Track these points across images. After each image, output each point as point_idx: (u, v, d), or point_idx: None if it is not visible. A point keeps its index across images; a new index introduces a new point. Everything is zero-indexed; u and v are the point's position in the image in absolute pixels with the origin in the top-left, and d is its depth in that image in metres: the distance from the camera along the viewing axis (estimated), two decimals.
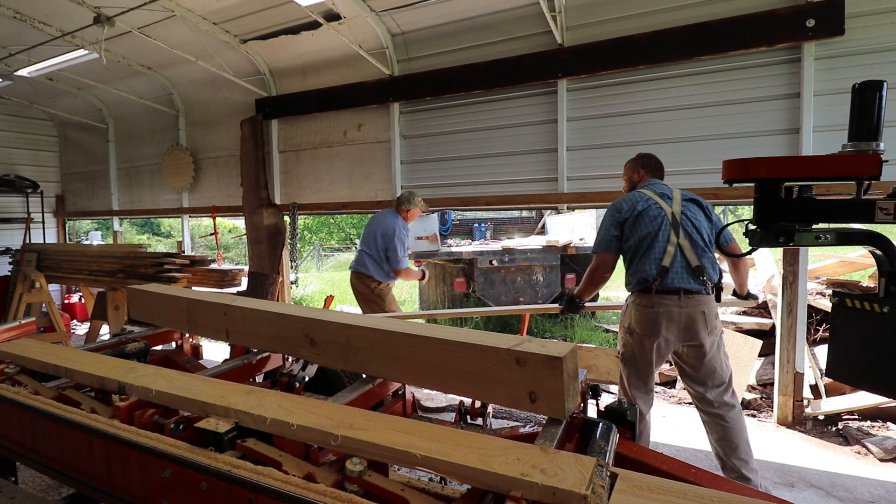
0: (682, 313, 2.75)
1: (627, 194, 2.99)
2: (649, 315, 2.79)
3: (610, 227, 2.92)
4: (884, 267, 1.56)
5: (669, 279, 2.75)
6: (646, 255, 2.81)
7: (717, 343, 2.82)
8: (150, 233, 28.62)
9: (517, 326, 7.41)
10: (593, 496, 1.00)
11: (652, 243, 2.80)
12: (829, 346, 1.66)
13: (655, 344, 2.78)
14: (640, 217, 2.85)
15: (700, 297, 2.76)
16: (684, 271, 2.76)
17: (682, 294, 2.74)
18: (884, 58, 3.52)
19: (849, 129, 1.56)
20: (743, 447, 2.73)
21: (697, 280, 2.76)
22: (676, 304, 2.75)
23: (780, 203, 1.64)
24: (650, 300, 2.79)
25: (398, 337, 1.55)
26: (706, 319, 2.75)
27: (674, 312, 2.75)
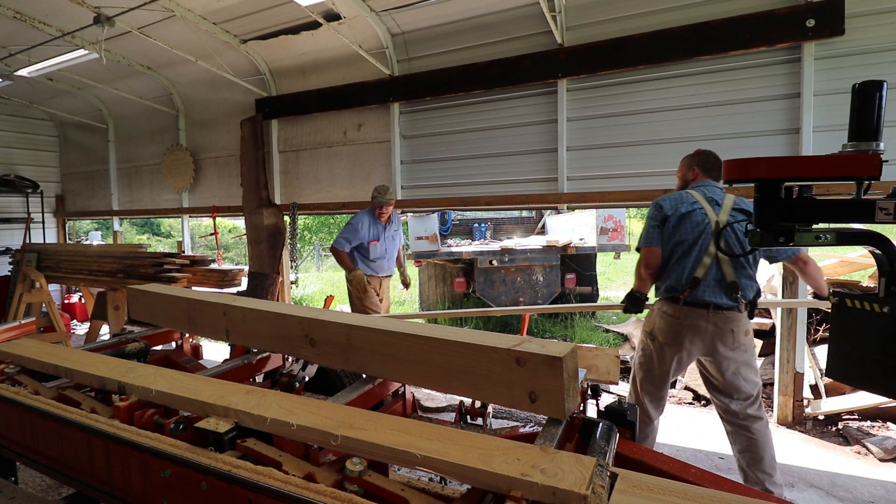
0: (710, 328, 2.63)
1: (674, 193, 2.83)
2: (673, 325, 2.69)
3: (652, 222, 2.79)
4: (884, 267, 1.56)
5: (700, 292, 2.62)
6: (679, 262, 2.69)
7: (745, 359, 2.68)
8: (150, 233, 28.62)
9: (517, 326, 7.41)
10: (593, 496, 1.00)
11: (688, 251, 2.66)
12: (829, 346, 1.66)
13: (677, 356, 2.69)
14: (681, 221, 2.70)
15: (731, 314, 2.62)
16: (717, 286, 2.62)
17: (712, 309, 2.62)
18: (884, 58, 3.52)
19: (849, 129, 1.56)
20: (768, 460, 2.63)
21: (731, 296, 2.61)
22: (704, 318, 2.63)
23: (780, 203, 1.64)
24: (677, 310, 2.68)
25: (398, 337, 1.55)
26: (734, 337, 2.63)
27: (700, 326, 2.64)
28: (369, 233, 4.61)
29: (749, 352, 2.71)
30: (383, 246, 4.70)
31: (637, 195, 4.30)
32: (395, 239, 4.86)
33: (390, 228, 4.76)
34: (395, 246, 4.87)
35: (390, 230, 4.76)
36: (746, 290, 2.63)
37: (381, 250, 4.69)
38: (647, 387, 2.81)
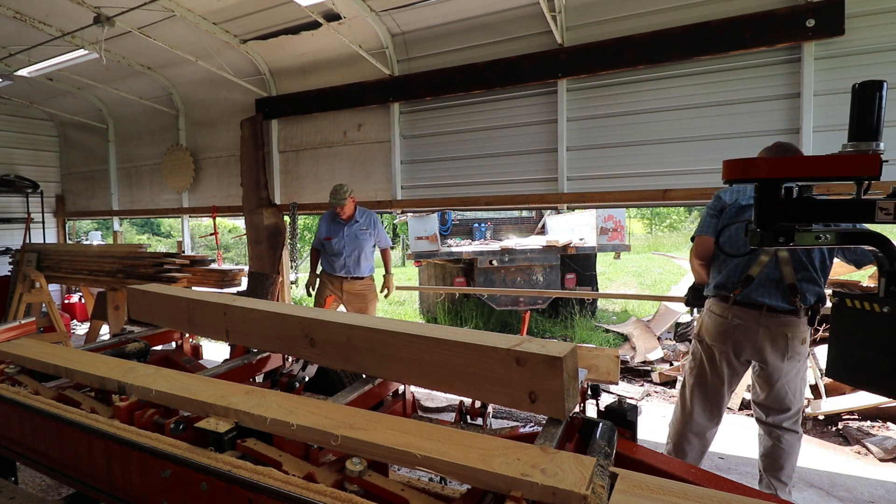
0: (761, 332, 2.46)
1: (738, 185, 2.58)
2: (722, 326, 2.54)
3: (709, 212, 2.63)
4: (884, 267, 1.56)
5: (753, 291, 2.45)
6: (733, 258, 2.50)
7: (798, 369, 2.52)
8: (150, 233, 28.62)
9: (517, 326, 7.41)
10: (593, 496, 1.00)
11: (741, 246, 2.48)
12: (829, 346, 1.66)
13: (726, 360, 2.54)
14: (739, 213, 2.50)
15: (786, 319, 2.44)
16: (773, 286, 2.44)
17: (765, 311, 2.45)
18: (884, 58, 3.51)
19: (849, 129, 1.56)
20: (787, 471, 2.55)
21: (788, 299, 2.42)
22: (756, 320, 2.46)
23: (780, 203, 1.64)
24: (726, 310, 2.53)
25: (398, 337, 1.55)
26: (788, 343, 2.45)
27: (751, 329, 2.48)
28: (327, 230, 4.68)
29: (803, 362, 2.55)
30: (340, 243, 4.61)
31: (637, 195, 4.30)
32: (361, 239, 4.65)
33: (353, 227, 4.64)
34: (359, 245, 4.64)
35: (352, 228, 4.63)
36: (807, 293, 2.44)
37: (335, 247, 4.62)
38: (699, 394, 2.63)
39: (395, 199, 5.37)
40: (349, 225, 4.63)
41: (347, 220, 4.64)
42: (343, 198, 4.53)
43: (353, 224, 4.65)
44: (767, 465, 2.60)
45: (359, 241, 4.65)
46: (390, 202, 5.40)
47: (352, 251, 4.63)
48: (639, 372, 5.29)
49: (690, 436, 2.68)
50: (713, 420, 2.66)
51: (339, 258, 4.62)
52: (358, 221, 4.67)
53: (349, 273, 4.65)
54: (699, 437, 2.68)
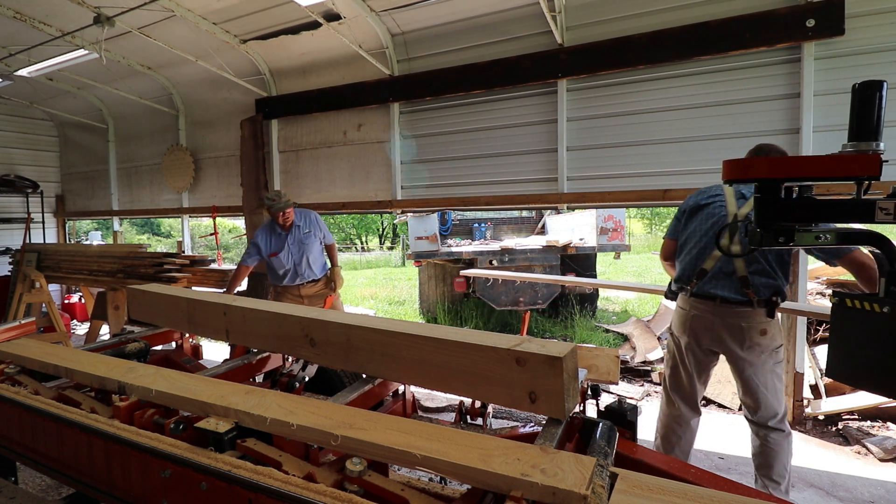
0: (717, 322, 2.57)
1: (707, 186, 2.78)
2: (684, 317, 2.69)
3: (676, 214, 2.82)
4: (884, 267, 1.56)
5: (707, 284, 2.58)
6: (689, 253, 2.66)
7: (763, 362, 2.55)
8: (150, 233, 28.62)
9: (517, 326, 7.41)
10: (593, 496, 1.00)
11: (698, 242, 2.62)
12: (829, 346, 1.66)
13: (690, 350, 2.66)
14: (697, 212, 2.67)
15: (741, 310, 2.52)
16: (726, 278, 2.54)
17: (719, 302, 2.55)
18: (884, 58, 3.52)
19: (849, 129, 1.56)
20: (777, 469, 2.59)
21: (741, 291, 2.51)
22: (711, 310, 2.57)
23: (780, 203, 1.64)
24: (686, 302, 2.68)
25: (398, 337, 1.55)
26: (744, 333, 2.52)
27: (708, 320, 2.59)
28: (268, 246, 4.28)
29: (769, 355, 2.56)
30: (286, 256, 4.29)
31: (637, 195, 4.30)
32: (307, 243, 4.36)
33: (296, 233, 4.32)
34: (308, 249, 4.36)
35: (296, 236, 4.32)
36: (760, 286, 2.49)
37: (285, 261, 4.30)
38: (674, 384, 2.76)
39: (395, 199, 5.37)
40: (291, 234, 4.31)
41: (289, 230, 4.30)
42: (288, 202, 4.23)
43: (296, 231, 4.33)
44: (758, 465, 2.66)
45: (305, 245, 4.35)
46: (390, 202, 5.40)
47: (301, 258, 4.34)
48: (639, 372, 5.29)
49: (675, 426, 2.77)
50: (692, 410, 2.75)
51: (290, 271, 4.35)
52: (299, 226, 4.35)
53: (304, 279, 4.41)
54: (682, 427, 2.76)
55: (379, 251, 23.15)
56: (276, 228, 4.32)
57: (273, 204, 4.20)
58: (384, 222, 25.04)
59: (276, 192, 4.32)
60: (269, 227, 4.37)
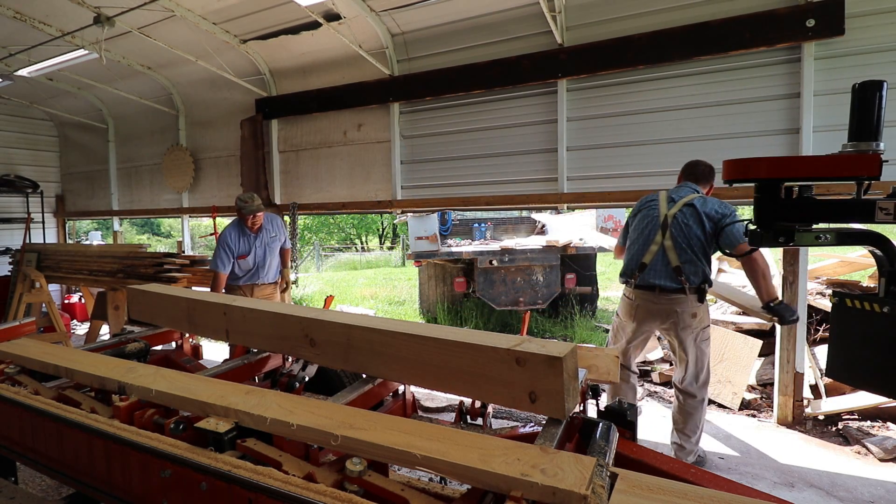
0: (656, 308, 3.06)
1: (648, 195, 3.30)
2: (628, 305, 3.19)
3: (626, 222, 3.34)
4: (884, 267, 1.56)
5: (648, 275, 3.05)
6: (630, 250, 3.19)
7: (694, 340, 3.05)
8: (150, 233, 28.63)
9: (517, 326, 7.41)
10: (593, 496, 1.00)
11: (637, 239, 3.15)
12: (829, 346, 1.66)
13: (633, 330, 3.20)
14: (637, 215, 3.21)
15: (676, 297, 2.99)
16: (663, 269, 3.01)
17: (658, 291, 3.02)
18: (884, 58, 3.52)
19: (849, 129, 1.57)
20: (691, 426, 3.11)
21: (676, 279, 2.97)
22: (652, 299, 3.06)
23: (780, 203, 1.64)
24: (630, 293, 3.17)
25: (398, 337, 1.55)
26: (679, 317, 3.01)
27: (649, 307, 3.08)
28: (238, 247, 4.27)
29: (697, 334, 3.04)
30: (253, 259, 4.33)
31: (637, 195, 4.27)
32: (273, 246, 4.44)
33: (263, 237, 4.35)
34: (272, 254, 4.45)
35: (263, 239, 4.35)
36: (690, 275, 2.96)
37: (250, 263, 4.34)
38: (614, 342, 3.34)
39: (395, 199, 5.37)
40: (259, 237, 4.32)
41: (257, 232, 4.31)
42: (260, 206, 4.24)
43: (263, 235, 4.35)
44: (676, 422, 3.17)
45: (271, 249, 4.42)
46: (390, 202, 5.40)
47: (264, 261, 4.40)
48: (639, 372, 5.28)
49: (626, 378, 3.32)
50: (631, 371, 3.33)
51: (256, 273, 4.38)
52: (268, 230, 4.38)
53: (261, 280, 4.43)
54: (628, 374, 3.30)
55: (379, 251, 23.16)
56: (244, 230, 4.29)
57: (245, 206, 4.19)
58: (384, 222, 25.05)
59: (250, 195, 4.30)
60: (237, 228, 4.30)
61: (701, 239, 2.95)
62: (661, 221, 3.04)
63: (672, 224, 2.99)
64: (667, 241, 2.99)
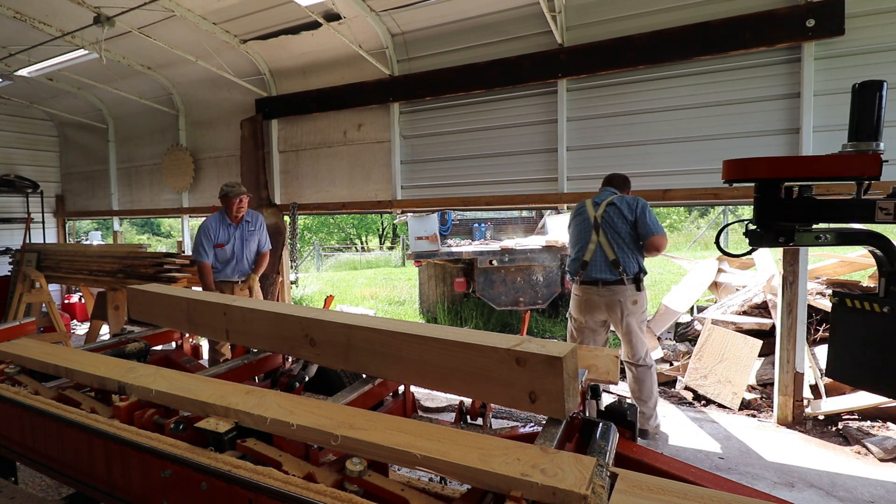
0: (601, 301, 3.43)
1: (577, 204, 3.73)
2: (577, 301, 3.55)
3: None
4: (884, 267, 1.56)
5: (590, 271, 3.42)
6: (573, 251, 3.58)
7: (635, 323, 3.43)
8: (150, 233, 28.64)
9: (517, 326, 7.41)
10: (593, 496, 1.00)
11: (577, 242, 3.54)
12: (829, 346, 1.66)
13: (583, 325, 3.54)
14: (573, 221, 3.63)
15: (616, 287, 3.38)
16: (602, 264, 3.40)
17: (601, 284, 3.40)
18: (884, 58, 3.52)
19: (849, 129, 1.57)
20: (645, 392, 3.48)
21: (614, 271, 3.37)
22: (596, 292, 3.43)
23: (780, 203, 1.64)
24: (577, 289, 3.53)
25: (398, 337, 1.55)
26: (622, 305, 3.39)
27: (594, 300, 3.45)
28: (217, 235, 4.28)
29: (638, 317, 3.44)
30: (231, 248, 4.32)
31: (637, 195, 4.29)
32: (251, 241, 4.43)
33: (243, 229, 4.37)
34: (249, 248, 4.43)
35: (243, 231, 4.37)
36: (627, 265, 3.38)
37: (227, 253, 4.32)
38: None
39: (395, 199, 5.37)
40: (239, 228, 4.35)
41: (238, 223, 4.34)
42: (244, 191, 4.31)
43: (244, 226, 4.38)
44: (633, 391, 3.54)
45: (248, 243, 4.42)
46: (390, 202, 5.40)
47: (242, 255, 4.39)
48: None
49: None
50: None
51: (232, 263, 4.36)
52: (248, 222, 4.41)
53: (241, 277, 4.42)
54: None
55: (379, 251, 23.16)
56: (225, 220, 4.34)
57: (231, 190, 4.26)
58: (384, 222, 25.04)
59: (236, 182, 4.36)
60: (217, 217, 4.34)
61: (629, 232, 3.38)
62: (593, 222, 3.45)
63: (602, 223, 3.41)
64: (601, 239, 3.40)
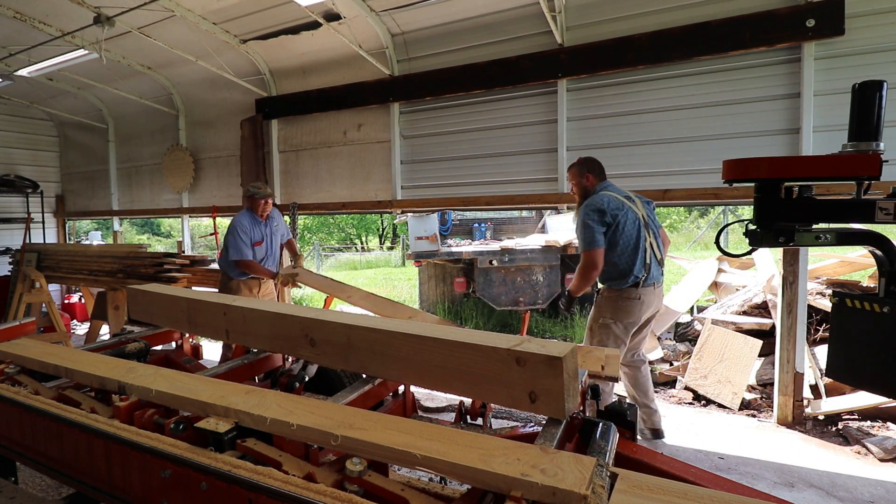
0: (655, 302, 3.38)
1: (602, 197, 3.25)
2: (635, 306, 3.26)
3: (598, 227, 3.18)
4: (884, 267, 1.56)
5: (652, 275, 3.27)
6: (633, 254, 3.22)
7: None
8: (150, 233, 28.64)
9: (517, 326, 7.41)
10: (593, 496, 1.00)
11: (637, 244, 3.23)
12: (829, 346, 1.66)
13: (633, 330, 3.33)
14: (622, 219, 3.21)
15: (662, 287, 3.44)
16: (657, 266, 3.32)
17: (655, 286, 3.33)
18: (884, 58, 3.51)
19: (849, 129, 1.57)
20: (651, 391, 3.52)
21: (662, 272, 3.39)
22: (654, 293, 3.33)
23: (780, 203, 1.64)
24: (637, 293, 3.24)
25: (398, 337, 1.55)
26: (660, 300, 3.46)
27: (653, 302, 3.34)
28: (254, 234, 4.32)
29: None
30: (266, 246, 4.42)
31: (637, 194, 4.29)
32: (277, 235, 4.55)
33: (270, 225, 4.47)
34: (277, 244, 4.56)
35: (271, 228, 4.48)
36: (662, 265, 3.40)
37: (264, 251, 4.41)
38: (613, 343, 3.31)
39: (395, 199, 5.37)
40: (268, 225, 4.45)
41: (266, 220, 4.43)
42: (270, 191, 4.42)
43: (270, 223, 4.47)
44: (640, 394, 3.47)
45: (276, 238, 4.54)
46: (390, 202, 5.40)
47: (273, 250, 4.50)
48: None
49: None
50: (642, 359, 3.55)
51: (265, 260, 4.44)
52: (272, 218, 4.49)
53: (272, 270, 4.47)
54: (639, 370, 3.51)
55: (379, 251, 23.15)
56: (255, 218, 4.37)
57: (258, 192, 4.34)
58: (384, 222, 25.04)
59: (261, 183, 4.47)
60: (247, 215, 4.36)
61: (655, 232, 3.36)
62: (643, 221, 3.27)
63: (649, 221, 3.32)
64: (652, 240, 3.29)
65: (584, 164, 3.41)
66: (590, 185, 3.38)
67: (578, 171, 3.42)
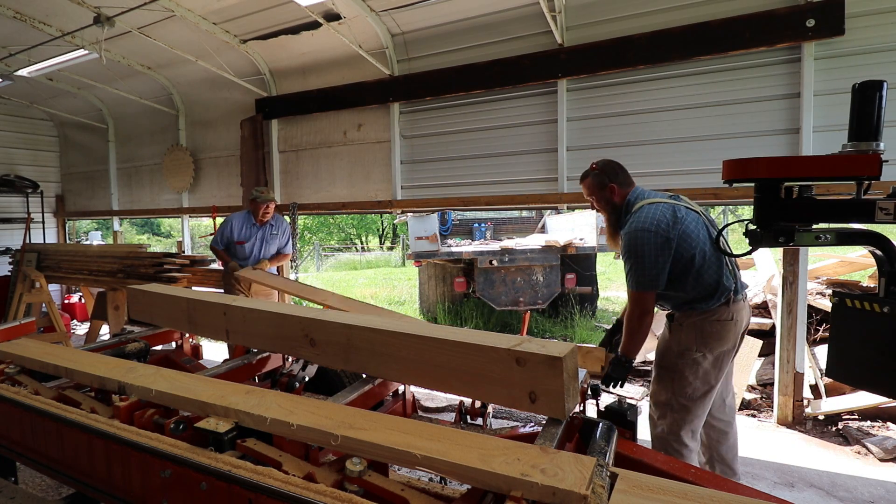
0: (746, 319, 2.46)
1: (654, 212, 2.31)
2: (728, 327, 2.36)
3: (662, 255, 2.26)
4: (884, 267, 1.56)
5: (740, 285, 2.43)
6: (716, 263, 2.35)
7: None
8: (150, 233, 28.64)
9: (517, 326, 7.41)
10: (593, 496, 1.00)
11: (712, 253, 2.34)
12: (829, 346, 1.66)
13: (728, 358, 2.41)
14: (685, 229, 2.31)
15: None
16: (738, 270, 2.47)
17: (745, 298, 2.46)
18: (884, 58, 3.51)
19: (849, 129, 1.57)
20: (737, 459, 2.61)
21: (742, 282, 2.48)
22: (744, 308, 2.43)
23: (780, 203, 1.64)
24: (729, 312, 2.35)
25: (398, 337, 1.55)
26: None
27: (743, 319, 2.42)
28: (240, 232, 4.50)
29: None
30: (251, 246, 4.53)
31: None
32: (272, 243, 4.64)
33: (266, 231, 4.58)
34: (269, 250, 4.63)
35: (266, 232, 4.58)
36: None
37: (247, 251, 4.52)
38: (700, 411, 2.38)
39: (395, 199, 5.37)
40: (263, 229, 4.57)
41: (262, 224, 4.56)
42: (273, 196, 4.56)
43: (268, 228, 4.59)
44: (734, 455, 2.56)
45: (269, 245, 4.62)
46: (390, 202, 5.40)
47: (260, 253, 4.58)
48: (639, 372, 5.28)
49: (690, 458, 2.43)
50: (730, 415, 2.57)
51: (249, 260, 4.53)
52: (272, 225, 4.62)
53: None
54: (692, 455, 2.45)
55: (379, 251, 23.17)
56: (250, 219, 4.56)
57: (260, 195, 4.49)
58: (384, 222, 25.05)
59: (265, 188, 4.59)
60: (244, 215, 4.59)
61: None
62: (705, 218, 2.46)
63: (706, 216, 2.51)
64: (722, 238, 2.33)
65: (603, 173, 2.51)
66: (618, 199, 2.50)
67: (597, 183, 2.52)
